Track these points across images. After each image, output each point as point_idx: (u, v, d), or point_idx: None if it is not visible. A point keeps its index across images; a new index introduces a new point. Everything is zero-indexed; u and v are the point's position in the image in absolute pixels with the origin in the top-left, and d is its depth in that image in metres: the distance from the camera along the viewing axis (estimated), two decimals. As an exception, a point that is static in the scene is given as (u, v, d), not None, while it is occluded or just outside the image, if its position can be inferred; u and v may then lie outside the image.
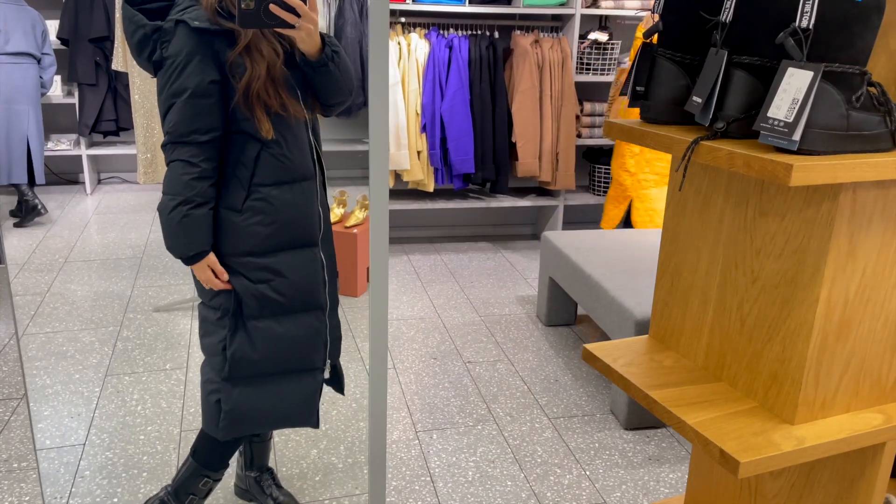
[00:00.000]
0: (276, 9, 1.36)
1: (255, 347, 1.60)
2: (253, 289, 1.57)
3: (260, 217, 1.53)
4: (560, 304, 3.24)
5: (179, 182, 1.47)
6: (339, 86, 1.55)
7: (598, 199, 4.32)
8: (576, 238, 3.17)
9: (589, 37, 4.01)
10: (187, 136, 1.46)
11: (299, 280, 1.60)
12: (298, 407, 1.68)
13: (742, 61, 0.97)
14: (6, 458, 2.21)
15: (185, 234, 1.49)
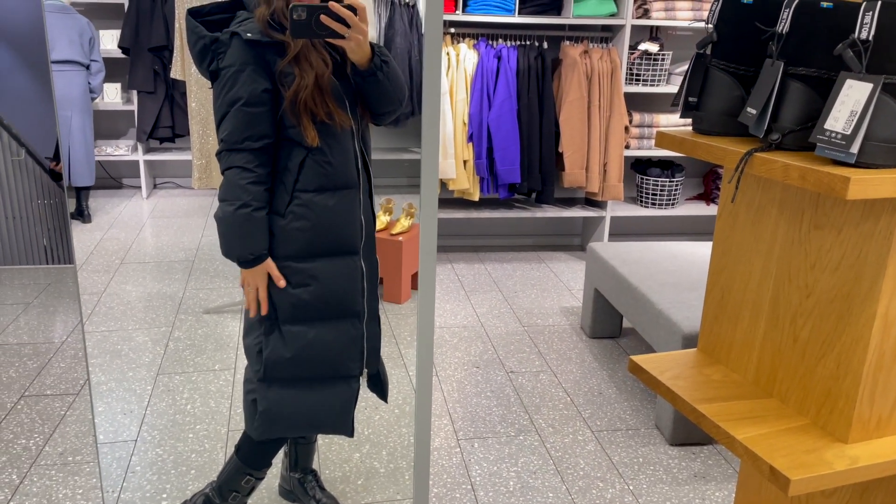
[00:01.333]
0: (326, 20, 1.40)
1: (289, 351, 1.62)
2: (290, 293, 1.59)
3: (301, 222, 1.56)
4: (605, 316, 3.21)
5: (237, 187, 1.51)
6: (388, 95, 1.57)
7: (646, 210, 4.27)
8: (622, 249, 3.14)
9: (639, 47, 3.98)
10: (241, 143, 1.50)
11: (336, 287, 1.61)
12: (332, 413, 1.69)
13: (798, 73, 0.95)
14: (62, 451, 2.29)
15: (245, 237, 1.53)
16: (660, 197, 4.23)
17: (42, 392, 2.64)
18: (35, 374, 2.77)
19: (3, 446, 2.30)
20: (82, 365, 2.85)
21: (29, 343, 3.02)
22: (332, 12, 1.40)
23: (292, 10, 1.39)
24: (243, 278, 1.60)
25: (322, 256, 1.60)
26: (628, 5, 3.87)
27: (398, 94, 1.60)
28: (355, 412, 1.74)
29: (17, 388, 2.66)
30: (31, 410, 2.51)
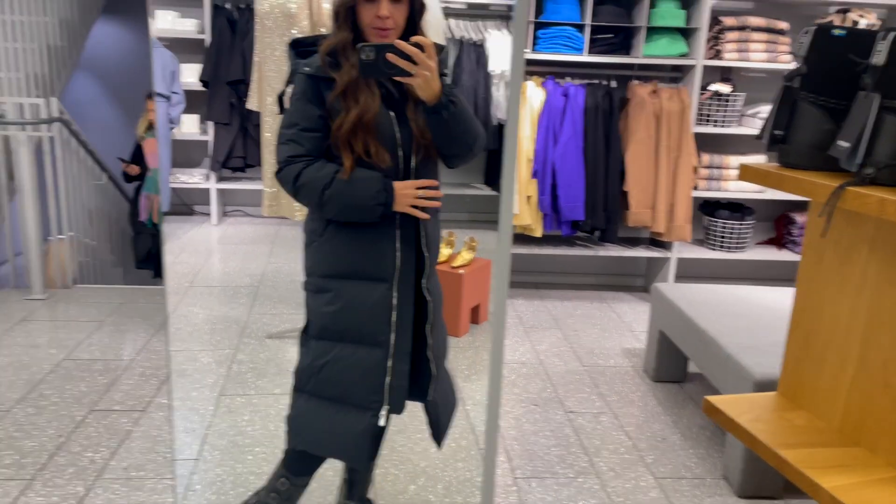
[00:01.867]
0: (393, 58, 1.43)
1: (313, 363, 1.69)
2: (316, 309, 1.68)
3: (332, 244, 1.64)
4: (669, 360, 3.12)
5: (303, 185, 1.60)
6: (455, 136, 1.57)
7: (714, 253, 4.16)
8: (689, 291, 3.06)
9: (710, 88, 3.93)
10: (293, 161, 1.61)
11: (357, 311, 1.63)
12: (345, 440, 1.68)
13: (895, 105, 0.92)
14: (126, 466, 2.34)
15: (352, 193, 1.57)
16: (728, 240, 4.12)
17: (110, 407, 2.71)
18: (104, 389, 2.85)
19: (71, 458, 2.37)
20: (150, 383, 2.92)
21: (100, 359, 3.12)
22: (398, 51, 1.43)
23: (360, 49, 1.45)
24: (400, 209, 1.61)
25: (348, 279, 1.64)
26: (700, 46, 3.83)
27: (467, 137, 1.59)
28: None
29: (86, 402, 2.75)
30: (98, 425, 2.58)
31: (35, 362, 3.06)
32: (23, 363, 3.04)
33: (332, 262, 1.65)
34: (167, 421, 2.63)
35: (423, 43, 1.44)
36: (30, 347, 3.21)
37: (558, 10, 3.90)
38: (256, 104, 3.32)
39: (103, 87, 7.62)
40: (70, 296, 3.93)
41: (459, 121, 1.54)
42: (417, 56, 1.43)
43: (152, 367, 3.07)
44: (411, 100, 1.58)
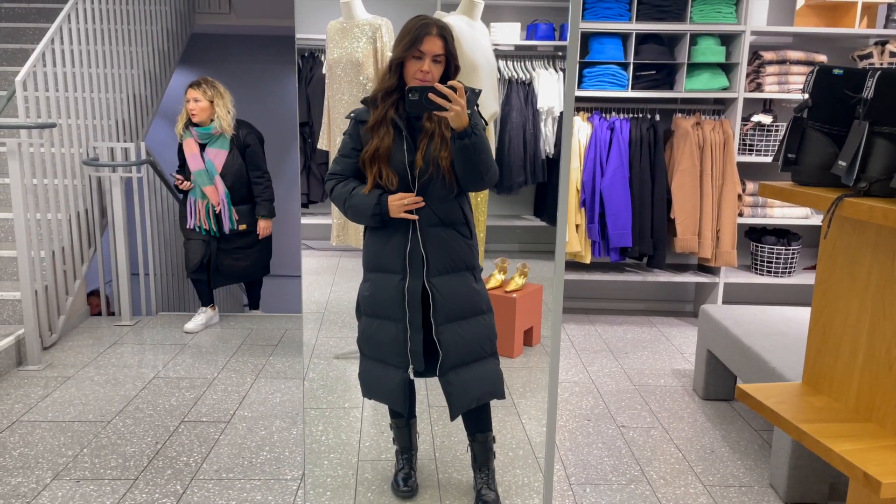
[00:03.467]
0: (434, 97, 1.89)
1: (363, 335, 2.23)
2: (361, 293, 2.22)
3: (368, 247, 2.18)
4: (718, 378, 3.25)
5: (334, 195, 2.14)
6: (471, 161, 1.97)
7: (760, 278, 4.27)
8: (736, 312, 3.20)
9: (752, 119, 4.09)
10: (331, 179, 2.15)
11: (379, 295, 2.15)
12: (387, 391, 2.20)
13: (883, 131, 1.12)
14: (217, 469, 2.60)
15: (358, 207, 2.08)
16: (775, 265, 4.23)
17: (199, 419, 2.99)
18: (192, 403, 3.14)
19: (168, 462, 2.64)
20: (232, 398, 3.20)
21: (186, 377, 3.42)
22: (437, 91, 1.88)
23: (408, 91, 1.90)
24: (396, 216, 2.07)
25: (375, 271, 2.17)
26: (741, 79, 4.01)
27: (481, 166, 1.99)
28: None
29: (177, 414, 3.03)
30: (190, 433, 2.86)
31: (128, 380, 3.37)
32: (118, 381, 3.36)
33: (368, 259, 2.19)
34: (250, 428, 2.89)
35: (455, 86, 1.89)
36: (122, 368, 3.53)
37: (603, 50, 4.15)
38: (326, 144, 3.63)
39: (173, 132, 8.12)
40: (155, 322, 4.28)
41: (478, 150, 1.96)
42: (451, 95, 1.87)
43: (233, 385, 3.35)
44: (426, 136, 2.03)
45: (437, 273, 2.11)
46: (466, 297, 2.15)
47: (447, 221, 2.10)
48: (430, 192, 2.06)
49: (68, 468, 2.58)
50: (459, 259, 2.14)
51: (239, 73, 7.93)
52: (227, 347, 3.84)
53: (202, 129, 3.95)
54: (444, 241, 2.10)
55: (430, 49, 1.98)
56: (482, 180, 2.03)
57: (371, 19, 3.26)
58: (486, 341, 2.20)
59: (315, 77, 4.86)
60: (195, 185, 3.96)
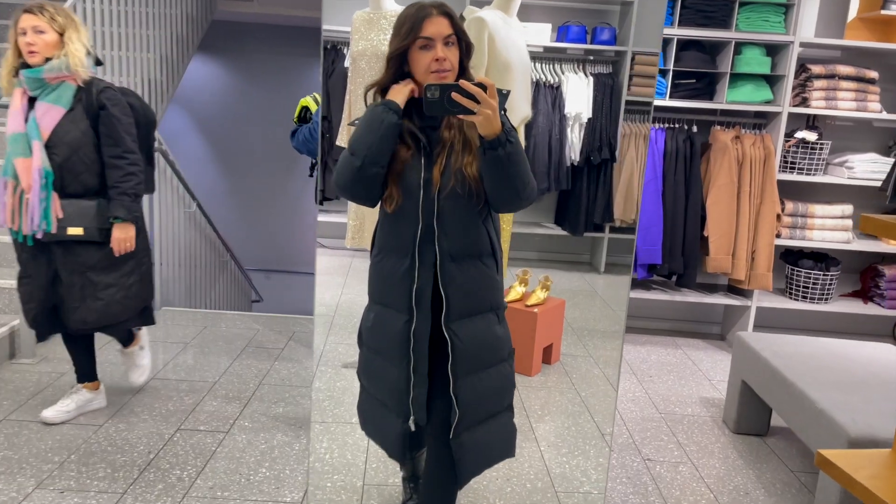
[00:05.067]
0: (458, 97, 1.52)
1: (362, 367, 1.94)
2: (362, 322, 1.91)
3: (373, 274, 1.85)
4: (752, 411, 3.03)
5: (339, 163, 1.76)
6: (505, 176, 1.61)
7: (795, 303, 4.04)
8: (774, 342, 2.98)
9: (796, 135, 3.87)
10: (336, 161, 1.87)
11: (380, 332, 1.83)
12: (387, 437, 1.90)
13: None
14: (212, 486, 2.41)
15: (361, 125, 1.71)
16: (812, 290, 4.00)
17: (196, 427, 2.80)
18: (190, 409, 2.95)
19: (161, 475, 2.45)
20: (233, 405, 3.01)
21: (186, 380, 3.24)
22: (462, 90, 1.52)
23: (426, 89, 1.56)
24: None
25: (379, 303, 1.84)
26: (786, 93, 3.79)
27: (517, 181, 1.63)
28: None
29: (174, 420, 2.85)
30: (185, 443, 2.68)
31: (125, 381, 3.20)
32: (114, 380, 3.18)
33: (372, 288, 1.86)
34: (249, 441, 2.70)
35: (486, 83, 1.52)
36: (120, 366, 3.35)
37: (641, 55, 3.93)
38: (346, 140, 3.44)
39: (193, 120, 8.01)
40: (158, 318, 4.09)
41: (513, 161, 1.60)
42: (480, 95, 1.51)
43: (234, 390, 3.16)
44: (445, 147, 1.69)
45: (458, 316, 1.74)
46: (490, 345, 1.79)
47: (472, 252, 1.73)
48: (452, 215, 1.69)
49: (53, 476, 2.40)
50: (484, 299, 1.77)
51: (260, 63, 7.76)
52: (230, 349, 3.66)
53: (31, 73, 2.43)
54: (467, 277, 1.73)
55: (438, 31, 1.64)
56: (518, 198, 1.66)
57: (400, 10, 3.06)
58: (506, 394, 1.87)
59: (336, 70, 4.66)
60: (7, 157, 2.49)
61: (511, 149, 1.58)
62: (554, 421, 3.04)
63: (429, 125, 1.72)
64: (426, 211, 1.68)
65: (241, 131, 7.93)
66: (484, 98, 1.52)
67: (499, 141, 1.57)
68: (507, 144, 1.58)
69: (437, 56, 1.63)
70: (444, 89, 1.53)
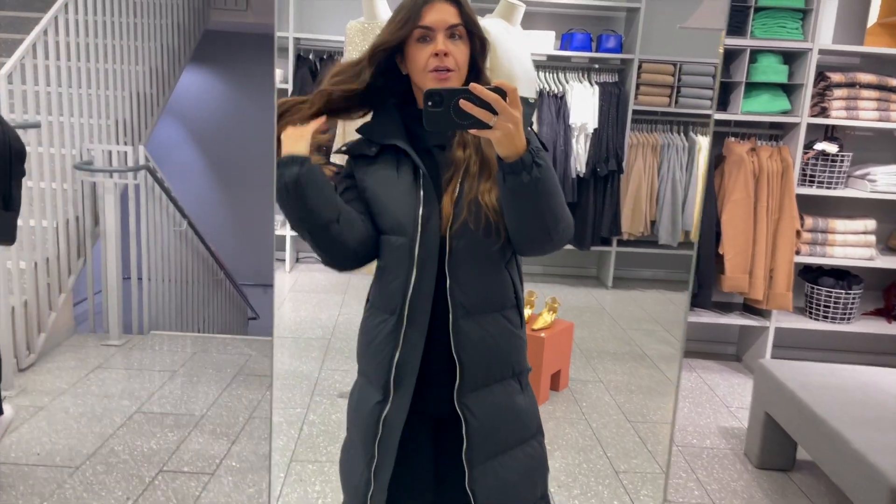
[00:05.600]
0: (468, 106, 1.15)
1: (341, 456, 1.52)
2: (349, 398, 1.49)
3: (360, 330, 1.44)
4: (776, 445, 2.82)
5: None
6: (532, 209, 1.23)
7: (815, 324, 3.83)
8: (799, 371, 2.78)
9: (815, 147, 3.67)
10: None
11: (356, 413, 1.43)
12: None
13: None
14: (194, 536, 2.22)
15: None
16: (833, 310, 3.79)
17: (180, 468, 2.61)
18: (174, 447, 2.76)
19: (139, 524, 2.26)
20: (220, 441, 2.82)
21: (171, 413, 3.05)
22: (474, 96, 1.15)
23: (426, 96, 1.18)
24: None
25: (360, 373, 1.44)
26: (804, 102, 3.60)
27: (547, 216, 1.24)
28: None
29: (156, 460, 2.65)
30: (167, 487, 2.48)
31: (107, 414, 3.01)
32: (95, 414, 2.99)
33: (357, 352, 1.44)
34: (235, 483, 2.50)
35: (505, 88, 1.16)
36: (103, 398, 3.16)
37: (651, 64, 3.75)
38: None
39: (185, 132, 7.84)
40: (145, 343, 3.91)
41: (543, 191, 1.22)
42: (498, 104, 1.15)
43: (223, 425, 2.97)
44: (455, 172, 1.31)
45: (474, 387, 1.34)
46: (513, 420, 1.40)
47: (492, 304, 1.35)
48: (467, 258, 1.32)
49: (20, 529, 2.21)
50: (506, 362, 1.37)
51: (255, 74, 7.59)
52: (220, 377, 3.47)
53: None
54: (486, 336, 1.34)
55: (440, 19, 1.28)
56: (547, 238, 1.27)
57: (396, 20, 2.88)
58: (538, 481, 1.44)
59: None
60: None
61: (539, 173, 1.20)
62: (564, 457, 2.84)
63: (437, 144, 1.35)
64: (424, 255, 1.30)
65: (236, 142, 7.76)
66: (503, 107, 1.15)
67: (523, 163, 1.20)
68: (534, 168, 1.20)
69: (437, 49, 1.28)
70: (449, 96, 1.17)
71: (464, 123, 1.17)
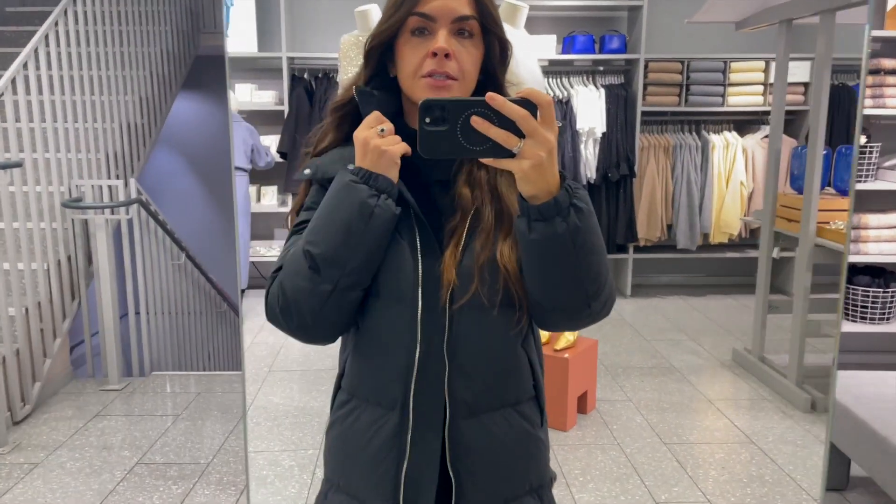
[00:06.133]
0: (482, 124, 0.83)
1: None
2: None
3: (331, 433, 1.11)
4: (829, 461, 2.60)
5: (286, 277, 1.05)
6: (567, 268, 0.91)
7: (852, 325, 3.61)
8: (851, 380, 2.57)
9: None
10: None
11: None
12: None
13: None
14: None
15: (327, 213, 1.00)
16: (870, 310, 3.58)
17: (184, 527, 2.41)
18: (179, 502, 2.56)
19: None
20: (227, 493, 2.62)
21: (175, 463, 2.85)
22: (492, 111, 0.83)
23: (423, 108, 0.85)
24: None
25: (339, 491, 1.07)
26: (827, 92, 3.39)
27: (586, 278, 0.92)
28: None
29: (159, 519, 2.46)
30: (171, 549, 2.28)
31: (107, 467, 2.81)
32: (93, 468, 2.80)
33: (330, 460, 1.10)
34: (246, 542, 2.30)
35: (537, 100, 0.84)
36: (102, 449, 2.97)
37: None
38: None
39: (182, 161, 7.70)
40: (146, 385, 3.72)
41: (582, 244, 0.89)
42: (526, 123, 0.83)
43: (230, 473, 2.77)
44: (465, 221, 0.98)
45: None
46: None
47: (504, 397, 1.02)
48: (471, 339, 0.98)
49: None
50: (522, 476, 1.04)
51: (250, 97, 7.44)
52: (226, 419, 3.27)
53: None
54: (495, 441, 1.01)
55: (444, 6, 0.95)
56: (586, 308, 0.95)
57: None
58: None
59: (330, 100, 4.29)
60: None
61: (579, 220, 0.88)
62: (598, 489, 2.62)
63: (439, 178, 1.01)
64: (432, 329, 0.97)
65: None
66: (532, 127, 0.83)
67: (557, 206, 0.87)
68: (571, 212, 0.88)
69: (436, 47, 0.95)
70: (456, 109, 0.84)
71: (476, 149, 0.85)
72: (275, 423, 3.18)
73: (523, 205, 0.90)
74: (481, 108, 0.84)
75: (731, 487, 2.63)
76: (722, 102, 4.95)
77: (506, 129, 0.84)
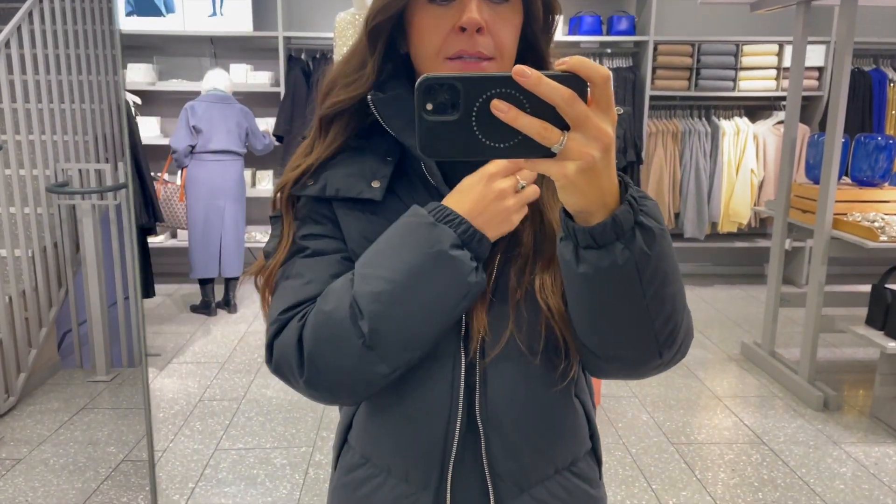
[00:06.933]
0: (503, 109, 0.56)
1: None
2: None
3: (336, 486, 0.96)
4: None
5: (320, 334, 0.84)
6: (626, 310, 0.67)
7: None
8: None
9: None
10: (287, 313, 0.93)
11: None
12: None
13: None
14: None
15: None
16: None
17: None
18: (164, 503, 2.45)
19: None
20: (219, 489, 2.51)
21: (162, 460, 2.74)
22: (521, 91, 0.56)
23: (424, 88, 0.57)
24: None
25: None
26: (847, 77, 3.24)
27: (659, 317, 0.68)
28: None
29: None
30: (155, 555, 2.17)
31: (91, 464, 2.70)
32: (77, 465, 2.69)
33: None
34: (234, 547, 2.19)
35: (587, 74, 0.56)
36: (86, 445, 2.86)
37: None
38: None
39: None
40: (136, 376, 3.60)
41: (651, 278, 0.65)
42: (573, 107, 0.55)
43: (220, 472, 2.65)
44: (497, 252, 0.77)
45: None
46: None
47: (555, 462, 0.83)
48: (512, 403, 0.79)
49: None
50: None
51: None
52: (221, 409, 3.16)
53: None
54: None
55: None
56: (656, 354, 0.71)
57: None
58: None
59: (326, 82, 4.11)
60: None
61: (648, 247, 0.64)
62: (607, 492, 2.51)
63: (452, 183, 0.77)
64: (459, 391, 0.78)
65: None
66: (581, 115, 0.56)
67: (617, 227, 0.63)
68: (637, 235, 0.63)
69: (467, 19, 0.71)
70: (471, 89, 0.57)
71: (498, 147, 0.58)
72: (267, 419, 3.06)
73: (569, 224, 0.64)
74: (506, 88, 0.57)
75: (742, 492, 2.52)
76: (733, 87, 4.79)
77: (542, 117, 0.57)
